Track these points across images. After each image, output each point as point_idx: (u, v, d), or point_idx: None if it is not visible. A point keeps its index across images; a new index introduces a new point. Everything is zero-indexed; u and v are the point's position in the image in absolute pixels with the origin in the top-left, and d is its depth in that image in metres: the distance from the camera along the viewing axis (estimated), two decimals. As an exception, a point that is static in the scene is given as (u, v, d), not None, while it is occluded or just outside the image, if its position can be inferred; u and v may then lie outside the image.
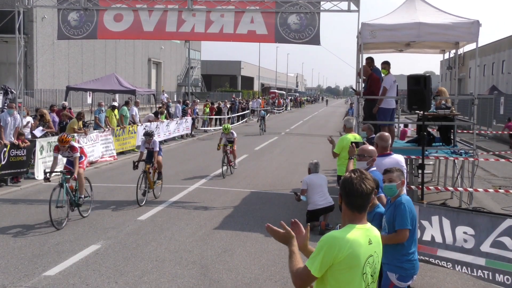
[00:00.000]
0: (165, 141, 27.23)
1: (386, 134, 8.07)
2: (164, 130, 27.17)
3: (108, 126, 21.48)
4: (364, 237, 3.63)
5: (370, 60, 14.48)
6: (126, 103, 24.42)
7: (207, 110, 36.96)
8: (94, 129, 21.32)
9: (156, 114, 27.31)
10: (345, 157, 11.18)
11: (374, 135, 12.19)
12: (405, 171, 7.89)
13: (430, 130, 15.20)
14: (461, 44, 15.14)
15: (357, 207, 3.65)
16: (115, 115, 22.42)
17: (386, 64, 14.13)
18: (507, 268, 7.17)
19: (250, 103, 57.09)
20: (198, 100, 42.03)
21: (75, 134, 18.72)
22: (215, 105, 39.62)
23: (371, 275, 3.66)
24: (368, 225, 3.74)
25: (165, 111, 28.68)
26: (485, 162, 18.21)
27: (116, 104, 23.92)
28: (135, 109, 25.34)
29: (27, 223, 11.33)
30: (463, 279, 8.35)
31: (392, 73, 13.79)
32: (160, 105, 31.27)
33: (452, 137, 14.21)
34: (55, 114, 20.96)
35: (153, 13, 15.74)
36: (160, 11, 15.68)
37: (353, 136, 11.42)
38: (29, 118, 18.25)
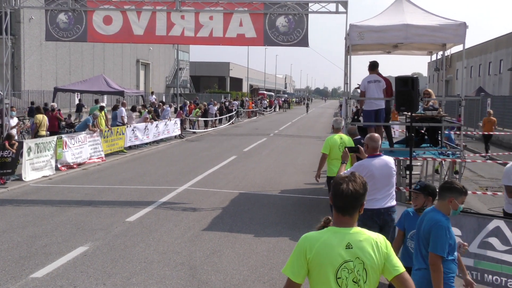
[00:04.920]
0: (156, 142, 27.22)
1: (376, 135, 8.09)
2: (154, 131, 27.11)
3: (96, 127, 21.35)
4: (341, 240, 3.54)
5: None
6: (96, 102, 24.32)
7: (199, 112, 36.88)
8: (75, 131, 21.18)
9: (134, 109, 27.34)
10: (333, 157, 11.29)
11: (358, 137, 12.27)
12: (395, 173, 7.89)
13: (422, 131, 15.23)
14: (448, 46, 15.23)
15: (338, 209, 3.60)
16: (103, 116, 22.33)
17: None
18: (496, 268, 7.23)
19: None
20: (188, 102, 41.95)
21: (63, 136, 18.65)
22: (201, 106, 39.39)
23: (354, 282, 3.51)
24: (354, 229, 3.61)
25: (152, 111, 28.54)
26: (472, 163, 18.32)
27: (104, 104, 23.83)
28: (123, 110, 25.25)
29: (14, 224, 11.25)
30: (451, 280, 8.39)
31: (373, 74, 13.57)
32: (147, 105, 31.15)
33: (439, 138, 14.29)
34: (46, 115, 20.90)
35: (142, 16, 15.71)
36: (148, 13, 15.67)
37: (339, 137, 11.48)
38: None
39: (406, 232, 6.21)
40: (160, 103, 33.74)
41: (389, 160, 7.83)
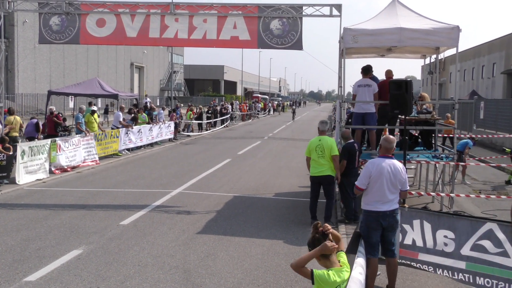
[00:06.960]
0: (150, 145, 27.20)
1: (391, 137, 8.12)
2: (147, 134, 27.07)
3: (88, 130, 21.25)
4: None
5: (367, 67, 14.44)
6: (89, 104, 24.05)
7: (191, 114, 36.85)
8: (77, 134, 21.14)
9: (131, 113, 27.12)
10: (312, 158, 11.84)
11: (351, 141, 12.33)
12: (404, 179, 7.75)
13: (416, 134, 15.29)
14: (442, 49, 15.29)
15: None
16: (95, 120, 22.25)
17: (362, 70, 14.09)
18: (488, 271, 7.27)
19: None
20: (182, 105, 41.91)
21: (57, 139, 18.60)
22: (196, 110, 39.32)
23: None
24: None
25: (141, 114, 28.36)
26: (465, 166, 18.38)
27: (95, 108, 23.72)
28: (120, 115, 25.18)
29: (7, 228, 11.21)
30: (444, 282, 8.42)
31: (366, 78, 13.58)
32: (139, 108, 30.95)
33: (433, 142, 14.35)
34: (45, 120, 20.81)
35: (135, 18, 15.70)
36: (142, 16, 15.66)
37: (318, 138, 11.82)
38: None
39: None
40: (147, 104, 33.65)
41: (400, 165, 7.81)
